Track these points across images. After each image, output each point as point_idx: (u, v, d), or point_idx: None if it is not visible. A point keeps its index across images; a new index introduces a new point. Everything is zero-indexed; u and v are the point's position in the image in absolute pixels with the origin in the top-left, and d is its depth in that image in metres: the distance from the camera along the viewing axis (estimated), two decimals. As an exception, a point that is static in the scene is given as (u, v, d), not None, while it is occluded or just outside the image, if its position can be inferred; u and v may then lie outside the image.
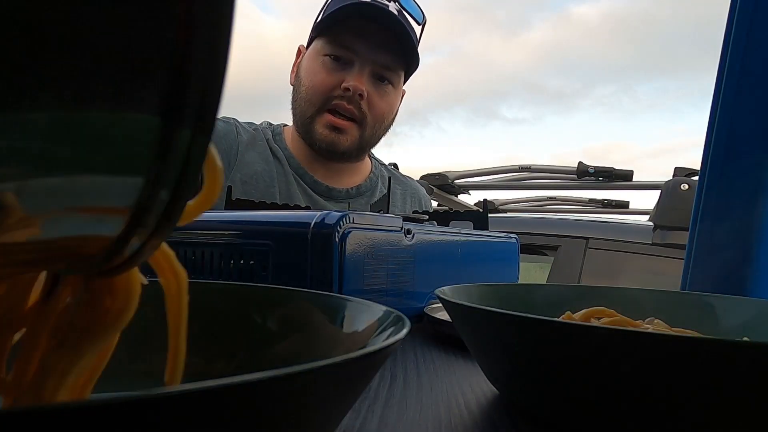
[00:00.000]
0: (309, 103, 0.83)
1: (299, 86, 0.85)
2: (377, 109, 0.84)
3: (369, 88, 0.82)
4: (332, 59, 0.82)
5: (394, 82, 0.86)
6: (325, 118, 0.82)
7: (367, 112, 0.83)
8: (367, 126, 0.84)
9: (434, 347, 0.38)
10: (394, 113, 0.90)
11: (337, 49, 0.82)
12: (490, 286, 0.37)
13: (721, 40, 0.63)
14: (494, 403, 0.26)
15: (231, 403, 0.11)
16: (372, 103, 0.83)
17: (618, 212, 2.07)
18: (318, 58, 0.83)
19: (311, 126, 0.84)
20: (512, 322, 0.23)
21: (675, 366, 0.19)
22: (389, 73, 0.84)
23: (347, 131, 0.83)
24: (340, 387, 0.14)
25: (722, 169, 0.63)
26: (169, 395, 0.10)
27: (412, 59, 0.86)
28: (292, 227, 0.41)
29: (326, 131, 0.82)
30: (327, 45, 0.82)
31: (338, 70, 0.82)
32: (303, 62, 0.87)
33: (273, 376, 0.11)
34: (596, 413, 0.22)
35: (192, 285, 0.17)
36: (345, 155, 0.86)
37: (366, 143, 0.87)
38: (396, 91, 0.88)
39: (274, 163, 0.87)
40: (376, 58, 0.82)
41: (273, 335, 0.24)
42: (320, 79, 0.82)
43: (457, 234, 0.54)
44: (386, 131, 0.90)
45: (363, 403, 0.25)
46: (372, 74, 0.83)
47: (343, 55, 0.82)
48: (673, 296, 0.39)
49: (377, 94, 0.84)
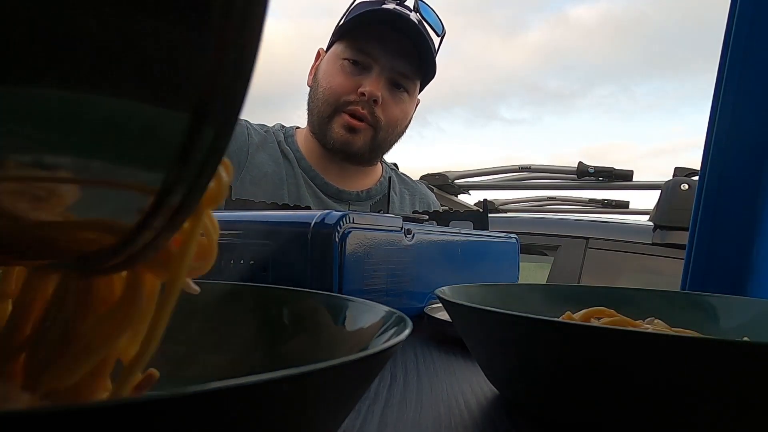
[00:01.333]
0: (326, 104, 0.84)
1: (317, 87, 0.87)
2: (391, 115, 0.86)
3: (384, 94, 0.84)
4: (351, 63, 0.83)
5: (409, 90, 0.87)
6: (342, 119, 0.84)
7: (381, 117, 0.84)
8: (380, 130, 0.86)
9: (434, 347, 0.38)
10: (407, 121, 0.91)
11: (357, 54, 0.83)
12: (490, 286, 0.37)
13: (717, 41, 0.64)
14: (494, 403, 0.26)
15: (233, 405, 0.11)
16: (386, 109, 0.85)
17: (618, 212, 2.07)
18: (337, 61, 0.85)
19: (328, 126, 0.85)
20: (512, 322, 0.23)
21: (675, 366, 0.19)
22: (406, 80, 0.86)
23: (362, 132, 0.84)
24: (342, 388, 0.14)
25: (722, 169, 0.63)
26: (168, 398, 0.10)
27: (430, 69, 0.88)
28: (292, 227, 0.41)
29: (342, 131, 0.84)
30: (347, 49, 0.84)
31: (356, 75, 0.83)
32: (322, 65, 0.88)
33: (274, 378, 0.11)
34: (596, 413, 0.22)
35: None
36: (358, 156, 0.87)
37: (378, 147, 0.88)
38: (411, 99, 0.89)
39: (284, 165, 0.88)
40: (394, 65, 0.83)
41: (273, 335, 0.24)
42: (338, 82, 0.84)
43: (457, 234, 0.54)
44: (399, 138, 0.92)
45: (363, 403, 0.25)
46: (389, 81, 0.84)
47: (361, 60, 0.83)
48: (673, 296, 0.39)
49: (392, 101, 0.85)
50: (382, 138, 0.87)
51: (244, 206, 0.60)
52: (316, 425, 0.14)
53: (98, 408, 0.09)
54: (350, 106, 0.83)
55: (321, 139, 0.87)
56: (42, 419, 0.08)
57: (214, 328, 0.24)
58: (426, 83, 0.92)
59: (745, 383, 0.18)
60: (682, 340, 0.19)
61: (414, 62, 0.85)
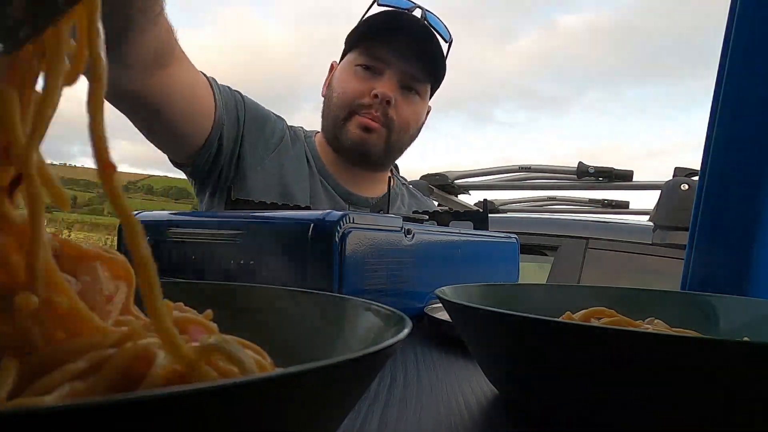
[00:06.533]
0: (340, 108, 0.87)
1: (331, 95, 0.89)
2: (403, 116, 0.88)
3: (397, 96, 0.86)
4: (364, 69, 0.86)
5: (421, 92, 0.90)
6: (357, 120, 0.86)
7: (394, 118, 0.86)
8: (393, 131, 0.87)
9: (434, 347, 0.38)
10: (419, 124, 0.93)
11: (369, 60, 0.86)
12: (490, 286, 0.37)
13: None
14: (494, 403, 0.26)
15: (233, 404, 0.11)
16: (399, 111, 0.87)
17: (618, 212, 2.07)
18: (351, 68, 0.87)
19: (343, 128, 0.87)
20: (512, 322, 0.23)
21: (675, 366, 0.19)
22: (417, 84, 0.88)
23: (377, 132, 0.86)
24: (342, 387, 0.14)
25: (722, 169, 0.63)
26: (168, 397, 0.10)
27: (440, 72, 0.90)
28: (292, 227, 0.41)
29: (357, 131, 0.86)
30: (360, 56, 0.87)
31: (369, 79, 0.86)
32: (336, 74, 0.91)
33: (274, 376, 0.11)
34: (596, 413, 0.22)
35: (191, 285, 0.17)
36: (371, 158, 0.88)
37: (391, 149, 0.90)
38: (423, 102, 0.91)
39: (305, 164, 0.91)
40: (405, 68, 0.86)
41: (274, 335, 0.24)
42: (352, 87, 0.86)
43: (457, 234, 0.54)
44: (411, 141, 0.94)
45: (363, 403, 0.25)
46: (400, 83, 0.86)
47: (374, 65, 0.86)
48: (673, 296, 0.39)
49: (405, 103, 0.88)
50: (395, 140, 0.88)
51: (245, 206, 0.60)
52: (316, 424, 0.14)
53: (99, 407, 0.09)
54: (364, 108, 0.85)
55: (335, 143, 0.89)
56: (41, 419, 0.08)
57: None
58: (436, 87, 0.94)
59: (745, 383, 0.18)
60: (682, 340, 0.19)
61: (425, 65, 0.87)
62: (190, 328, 0.17)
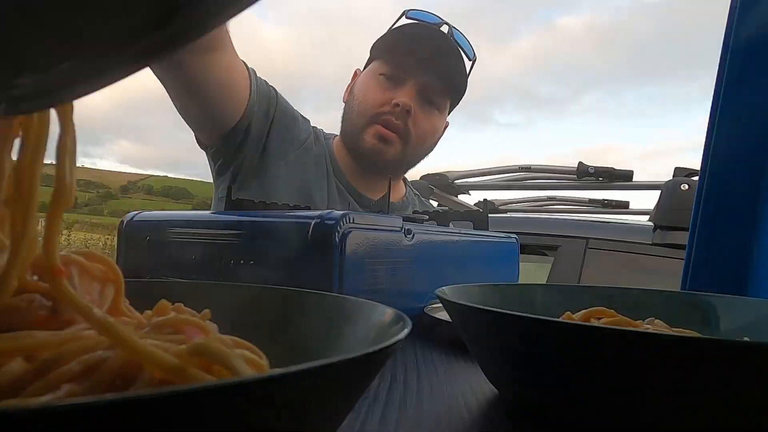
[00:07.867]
0: (360, 115, 0.88)
1: (352, 101, 0.90)
2: (421, 129, 0.88)
3: (416, 107, 0.86)
4: (386, 78, 0.87)
5: (440, 107, 0.90)
6: (375, 129, 0.87)
7: (412, 130, 0.87)
8: (410, 144, 0.88)
9: (434, 347, 0.38)
10: (436, 138, 0.94)
11: (392, 69, 0.87)
12: (490, 286, 0.37)
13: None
14: (494, 403, 0.26)
15: (232, 403, 0.11)
16: (417, 122, 0.87)
17: (618, 212, 2.07)
18: (373, 77, 0.89)
19: (360, 136, 0.88)
20: (512, 322, 0.23)
21: (675, 366, 0.19)
22: (437, 97, 0.89)
23: (394, 143, 0.87)
24: (341, 387, 0.14)
25: (722, 169, 0.63)
26: (167, 396, 0.10)
27: (460, 89, 0.91)
28: (292, 227, 0.41)
29: (374, 141, 0.86)
30: (383, 65, 0.88)
31: (390, 89, 0.87)
32: (358, 81, 0.92)
33: (274, 375, 0.11)
34: (596, 413, 0.22)
35: (190, 285, 0.17)
36: (387, 167, 0.89)
37: (407, 161, 0.91)
38: (441, 117, 0.92)
39: (324, 164, 0.92)
40: (426, 81, 0.86)
41: (274, 335, 0.24)
42: (373, 95, 0.87)
43: (457, 234, 0.54)
44: (426, 154, 0.94)
45: (363, 403, 0.25)
46: (420, 95, 0.87)
47: (396, 75, 0.87)
48: (673, 296, 0.39)
49: (423, 115, 0.88)
50: (410, 152, 0.89)
51: (245, 206, 0.60)
52: (316, 424, 0.14)
53: (98, 406, 0.09)
54: (384, 116, 0.86)
55: (352, 150, 0.90)
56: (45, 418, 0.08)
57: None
58: (456, 103, 0.95)
59: (745, 383, 0.18)
60: (682, 340, 0.19)
61: (446, 80, 0.88)
62: (185, 329, 0.17)
